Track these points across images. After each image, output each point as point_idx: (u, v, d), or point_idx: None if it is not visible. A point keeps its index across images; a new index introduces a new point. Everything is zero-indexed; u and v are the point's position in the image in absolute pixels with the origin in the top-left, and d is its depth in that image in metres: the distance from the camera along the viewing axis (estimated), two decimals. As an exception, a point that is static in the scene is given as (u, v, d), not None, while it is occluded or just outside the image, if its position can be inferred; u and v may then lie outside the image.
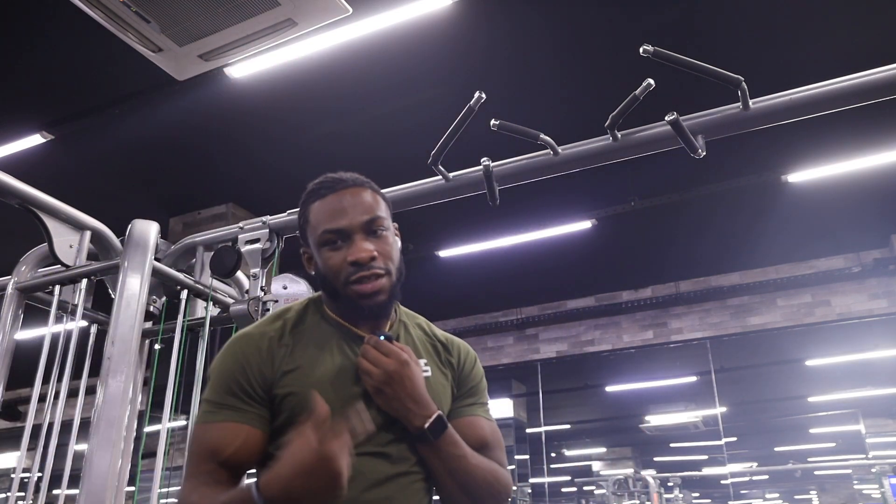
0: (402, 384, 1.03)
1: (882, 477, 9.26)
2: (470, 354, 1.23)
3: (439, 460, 1.05)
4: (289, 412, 1.04)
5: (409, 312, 1.25)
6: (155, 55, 1.91)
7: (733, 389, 9.52)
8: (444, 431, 1.05)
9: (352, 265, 1.06)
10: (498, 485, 1.10)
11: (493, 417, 1.20)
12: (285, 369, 1.06)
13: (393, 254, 1.11)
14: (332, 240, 1.08)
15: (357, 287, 1.06)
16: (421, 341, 1.18)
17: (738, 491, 18.97)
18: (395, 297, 1.12)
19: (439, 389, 1.13)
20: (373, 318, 1.10)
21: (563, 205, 5.57)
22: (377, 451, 1.04)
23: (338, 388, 1.05)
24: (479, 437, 1.13)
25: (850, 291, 6.65)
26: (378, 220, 1.10)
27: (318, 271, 1.13)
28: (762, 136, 2.02)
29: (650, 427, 10.63)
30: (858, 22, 3.83)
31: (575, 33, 3.89)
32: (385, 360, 1.04)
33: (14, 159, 4.60)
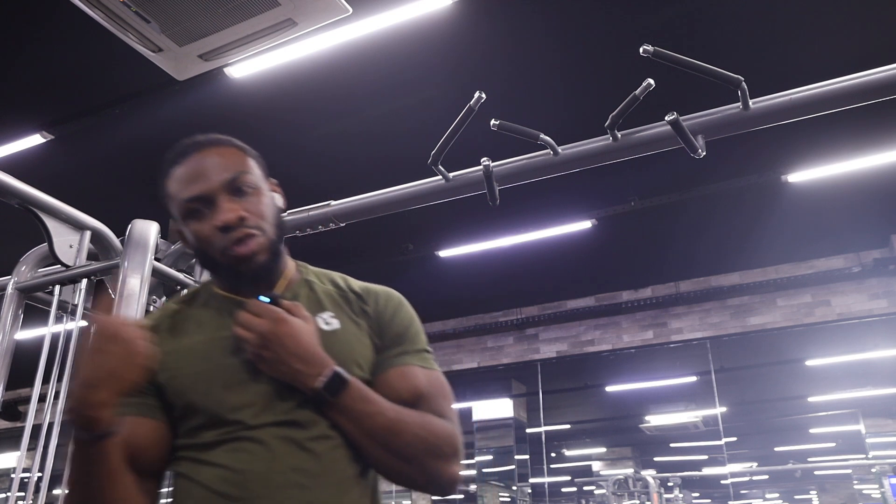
0: (282, 344, 0.94)
1: (882, 477, 9.26)
2: (392, 299, 1.10)
3: (350, 421, 0.94)
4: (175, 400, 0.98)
5: (324, 271, 1.14)
6: (155, 55, 1.91)
7: (733, 389, 9.52)
8: (345, 388, 0.93)
9: (220, 231, 0.97)
10: (436, 439, 0.95)
11: (434, 366, 1.06)
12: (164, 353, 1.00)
13: (264, 210, 1.02)
14: (196, 209, 0.99)
15: (232, 252, 0.98)
16: (328, 295, 1.08)
17: (738, 491, 18.97)
18: (277, 255, 1.03)
19: (352, 341, 1.02)
20: (257, 281, 1.01)
21: (563, 205, 5.57)
22: (281, 419, 0.94)
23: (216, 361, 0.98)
24: (411, 389, 1.00)
25: (850, 291, 6.65)
26: (242, 177, 1.01)
27: (193, 249, 1.04)
28: (762, 136, 2.02)
29: (650, 427, 10.63)
30: (858, 22, 3.83)
31: (575, 33, 3.89)
32: (257, 321, 0.95)
33: (14, 159, 4.60)
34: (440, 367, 1.07)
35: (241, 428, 0.93)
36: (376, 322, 1.06)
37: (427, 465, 0.94)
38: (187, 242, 1.05)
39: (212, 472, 0.92)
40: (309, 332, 0.97)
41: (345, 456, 0.95)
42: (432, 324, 8.25)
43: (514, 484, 9.13)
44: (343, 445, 0.95)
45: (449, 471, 0.96)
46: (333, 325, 1.03)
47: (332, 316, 1.04)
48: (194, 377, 0.97)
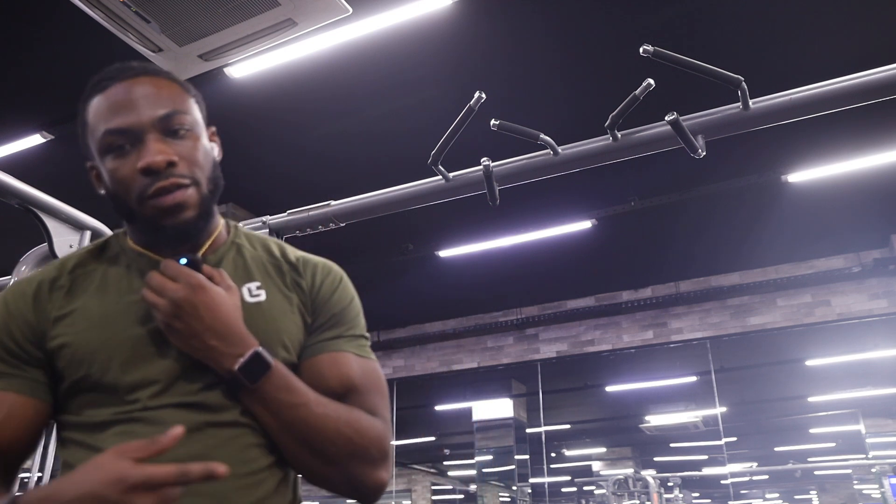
0: (197, 315, 0.80)
1: (882, 477, 9.26)
2: (332, 274, 0.96)
3: (268, 411, 0.81)
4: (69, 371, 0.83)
5: (258, 235, 1.00)
6: (155, 55, 1.91)
7: (733, 389, 9.52)
8: (266, 373, 0.81)
9: (144, 174, 0.82)
10: (363, 440, 0.83)
11: (370, 354, 0.93)
12: (58, 314, 0.84)
13: (200, 159, 0.86)
14: (118, 144, 0.83)
15: (154, 202, 0.82)
16: (259, 262, 0.93)
17: (738, 491, 18.98)
18: (208, 213, 0.88)
19: (279, 317, 0.88)
20: (180, 240, 0.86)
21: (563, 205, 5.58)
22: (185, 401, 0.81)
23: (121, 328, 0.83)
24: (342, 379, 0.87)
25: (850, 291, 6.65)
26: (178, 117, 0.86)
27: (108, 193, 0.87)
28: (762, 136, 2.02)
29: (650, 427, 10.63)
30: (858, 22, 3.83)
31: (575, 33, 3.89)
32: (171, 285, 0.81)
33: (14, 159, 4.61)
34: (442, 368, 0.97)
35: (139, 408, 0.80)
36: (311, 298, 0.92)
37: (351, 468, 0.83)
38: (101, 183, 0.89)
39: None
40: (230, 305, 0.83)
41: (257, 444, 0.82)
42: (432, 324, 8.25)
43: (514, 484, 9.13)
44: (256, 433, 0.83)
45: (374, 476, 0.85)
46: (259, 296, 0.89)
47: (258, 286, 0.90)
48: (92, 346, 0.82)
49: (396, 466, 13.61)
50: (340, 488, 0.84)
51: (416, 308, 7.98)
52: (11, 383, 0.82)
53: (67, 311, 0.85)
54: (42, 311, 0.85)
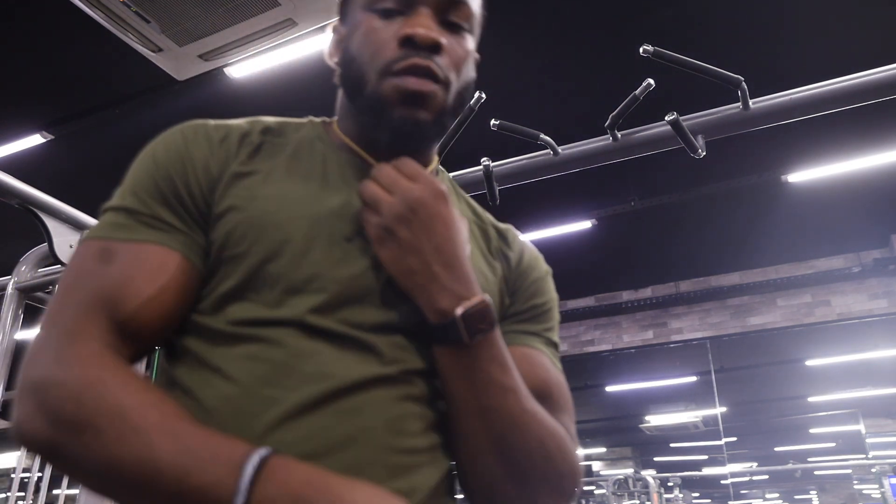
0: (431, 228, 0.62)
1: (882, 477, 9.25)
2: (540, 261, 0.81)
3: (469, 384, 0.62)
4: (226, 242, 0.63)
5: (457, 186, 0.83)
6: (155, 55, 1.91)
7: (733, 389, 9.52)
8: (489, 334, 0.62)
9: (402, 44, 0.66)
10: (562, 462, 0.64)
11: (561, 368, 0.77)
12: (239, 170, 0.67)
13: (463, 65, 0.70)
14: (388, 4, 0.68)
15: (398, 80, 0.65)
16: (465, 217, 0.74)
17: (738, 491, 18.97)
18: (443, 126, 0.70)
19: (480, 281, 0.67)
20: (402, 141, 0.69)
21: (563, 205, 5.57)
22: (352, 334, 0.61)
23: (309, 213, 0.64)
24: (539, 381, 0.69)
25: (850, 291, 6.65)
26: (465, 8, 0.71)
27: (345, 56, 0.71)
28: (762, 136, 2.02)
29: (650, 427, 10.63)
30: (858, 22, 3.83)
31: (575, 33, 3.89)
32: (408, 184, 0.63)
33: (14, 159, 4.60)
34: None
35: (288, 323, 0.60)
36: (514, 276, 0.76)
37: (537, 493, 0.64)
38: (338, 50, 0.74)
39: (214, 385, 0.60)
40: (465, 234, 0.66)
41: (419, 416, 0.63)
42: (432, 324, 8.24)
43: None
44: (423, 401, 0.63)
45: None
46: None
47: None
48: (267, 218, 0.63)
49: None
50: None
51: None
52: (180, 242, 0.63)
53: (250, 169, 0.67)
54: (225, 162, 0.67)
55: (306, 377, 0.58)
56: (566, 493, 0.66)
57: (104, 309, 0.58)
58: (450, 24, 0.70)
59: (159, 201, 0.64)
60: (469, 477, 0.65)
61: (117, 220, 0.64)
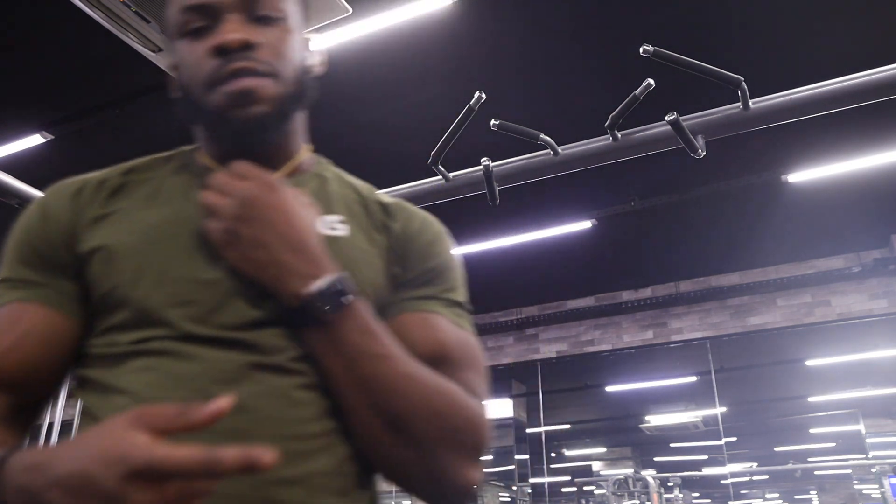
0: (269, 220, 0.65)
1: (882, 477, 9.25)
2: (430, 224, 0.81)
3: (339, 358, 0.63)
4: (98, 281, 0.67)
5: (349, 176, 0.84)
6: (155, 55, 1.91)
7: (733, 389, 9.52)
8: (349, 306, 0.63)
9: (214, 54, 0.68)
10: (455, 417, 0.64)
11: (469, 327, 0.76)
12: (98, 214, 0.70)
13: (285, 51, 0.72)
14: (195, 24, 0.70)
15: (223, 87, 0.68)
16: (343, 199, 0.78)
17: (738, 491, 18.96)
18: (286, 115, 0.73)
19: (359, 258, 0.71)
20: (246, 142, 0.71)
21: (563, 205, 5.57)
22: (228, 335, 0.64)
23: (164, 235, 0.68)
24: (433, 344, 0.69)
25: (850, 291, 6.65)
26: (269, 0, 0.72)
27: (180, 86, 0.73)
28: (762, 136, 2.02)
29: (650, 427, 10.63)
30: (858, 22, 3.83)
31: (575, 33, 3.89)
32: (240, 183, 0.66)
33: (14, 159, 4.60)
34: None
35: (170, 335, 0.64)
36: (402, 245, 0.76)
37: (437, 456, 0.64)
38: (176, 84, 0.75)
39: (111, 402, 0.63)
40: (309, 217, 0.68)
41: (314, 401, 0.64)
42: (432, 324, 8.23)
43: (514, 484, 9.13)
44: (314, 388, 0.64)
45: (465, 473, 0.65)
46: (338, 230, 0.72)
47: (340, 221, 0.74)
48: (127, 250, 0.67)
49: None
50: (418, 483, 0.65)
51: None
52: (37, 293, 0.67)
53: (109, 210, 0.71)
54: (80, 210, 0.71)
55: (193, 378, 0.62)
56: (467, 444, 0.66)
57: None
58: (261, 18, 0.71)
59: (24, 264, 0.69)
60: (368, 451, 0.65)
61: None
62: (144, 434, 0.46)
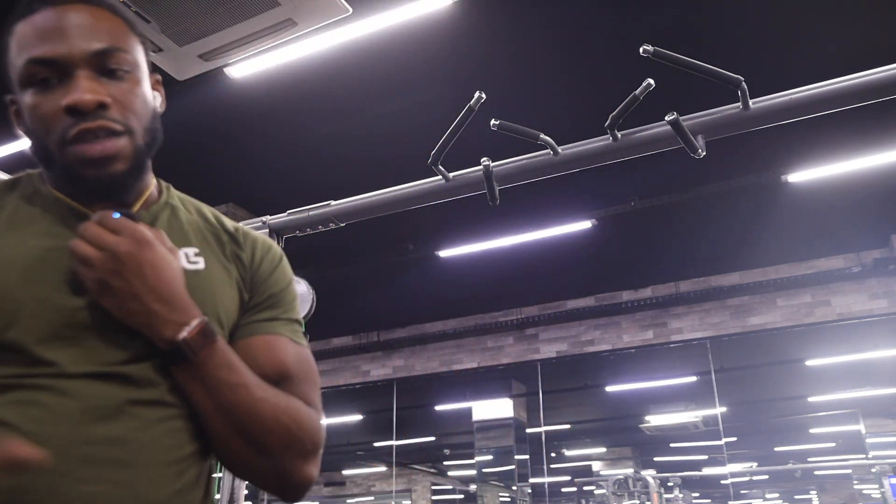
0: (142, 273, 0.70)
1: (882, 477, 9.25)
2: (273, 252, 0.89)
3: (205, 390, 0.72)
4: None
5: (189, 198, 0.89)
6: (155, 55, 1.91)
7: (733, 389, 9.51)
8: (211, 346, 0.72)
9: (68, 113, 0.71)
10: (298, 430, 0.76)
11: (304, 341, 0.86)
12: None
13: (138, 105, 0.76)
14: (42, 76, 0.72)
15: (78, 148, 0.71)
16: (196, 227, 0.84)
17: (738, 491, 18.97)
18: (141, 168, 0.78)
19: (217, 289, 0.79)
20: (105, 195, 0.75)
21: (563, 205, 5.57)
22: (107, 371, 0.70)
23: (34, 276, 0.71)
24: (277, 364, 0.79)
25: (850, 291, 6.65)
26: (117, 55, 0.75)
27: (27, 132, 0.77)
28: (762, 136, 2.02)
29: (650, 427, 10.63)
30: (858, 22, 3.83)
31: (575, 33, 3.89)
32: (111, 238, 0.70)
33: (14, 159, 4.60)
34: (442, 368, 0.88)
35: (50, 374, 0.68)
36: (250, 274, 0.84)
37: (283, 461, 0.76)
38: (20, 121, 0.78)
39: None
40: (176, 268, 0.74)
41: (182, 429, 0.73)
42: (433, 324, 8.25)
43: (514, 484, 9.13)
44: (182, 417, 0.73)
45: (305, 471, 0.78)
46: (198, 264, 0.79)
47: (196, 253, 0.80)
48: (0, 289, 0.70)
49: (397, 466, 13.62)
50: (267, 482, 0.78)
51: (416, 308, 7.97)
52: None
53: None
54: None
55: (73, 413, 0.67)
56: (308, 450, 0.78)
57: None
58: (111, 71, 0.74)
59: None
60: (227, 460, 0.77)
61: None
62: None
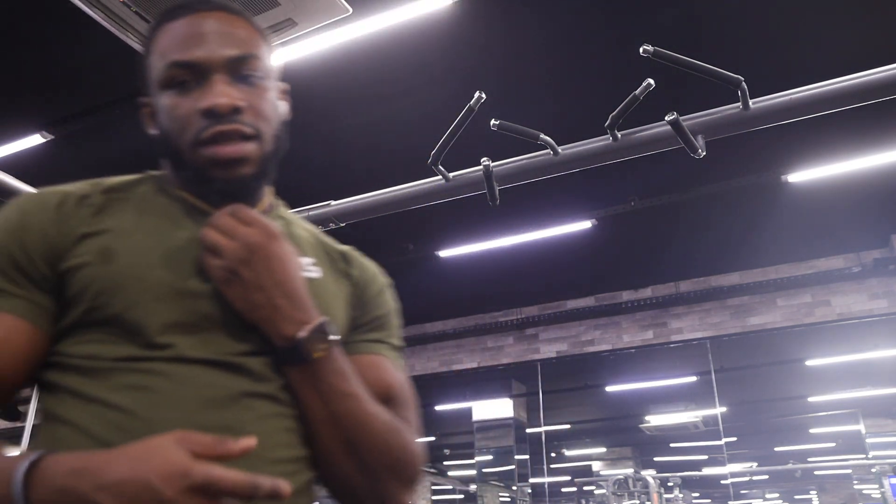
0: (269, 267, 0.71)
1: (882, 477, 9.25)
2: (379, 276, 0.90)
3: (318, 395, 0.71)
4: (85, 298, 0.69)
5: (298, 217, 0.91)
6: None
7: (733, 389, 9.52)
8: (329, 350, 0.72)
9: (204, 116, 0.73)
10: (402, 452, 0.74)
11: (403, 369, 0.87)
12: (87, 231, 0.73)
13: (268, 111, 0.79)
14: (181, 78, 0.75)
15: (211, 149, 0.73)
16: (308, 241, 0.86)
17: (738, 491, 18.97)
18: (266, 173, 0.80)
19: (331, 300, 0.80)
20: (230, 197, 0.76)
21: (563, 205, 5.57)
22: (223, 359, 0.70)
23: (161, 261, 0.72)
24: (383, 385, 0.79)
25: (850, 291, 6.65)
26: (252, 61, 0.78)
27: (160, 128, 0.78)
28: (762, 136, 2.02)
29: (650, 427, 10.63)
30: (858, 22, 3.83)
31: (574, 33, 3.89)
32: (244, 228, 0.72)
33: (14, 159, 4.60)
34: (442, 368, 0.91)
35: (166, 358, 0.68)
36: (359, 291, 0.85)
37: (384, 483, 0.74)
38: (152, 123, 0.80)
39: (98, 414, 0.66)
40: (299, 265, 0.75)
41: (294, 430, 0.72)
42: (433, 324, 8.24)
43: (514, 484, 9.12)
44: (295, 417, 0.72)
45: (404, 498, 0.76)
46: (313, 273, 0.80)
47: (312, 263, 0.81)
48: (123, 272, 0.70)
49: (396, 466, 13.56)
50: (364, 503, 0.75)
51: (416, 308, 7.97)
52: (14, 304, 0.69)
53: (98, 229, 0.73)
54: (66, 225, 0.72)
55: (187, 401, 0.66)
56: (408, 477, 0.76)
57: None
58: (245, 77, 0.77)
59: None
60: (327, 475, 0.74)
61: None
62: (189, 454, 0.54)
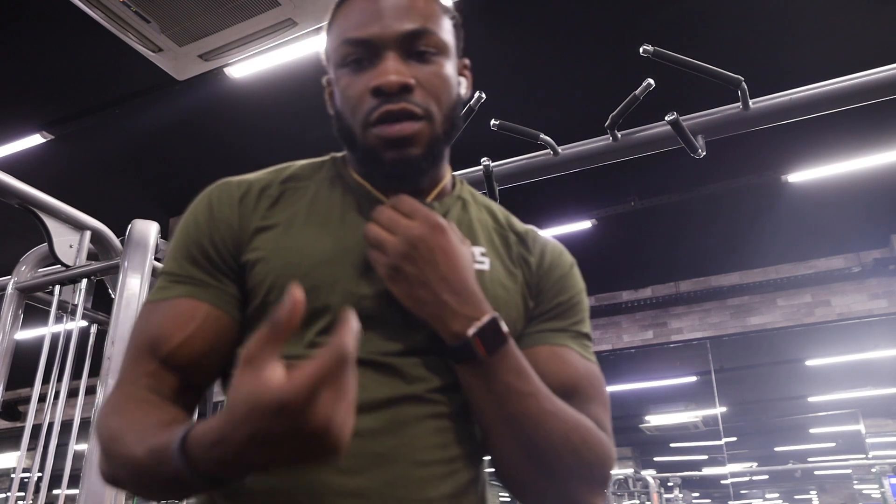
0: (433, 260, 0.67)
1: (882, 477, 9.25)
2: (563, 257, 0.83)
3: (491, 395, 0.66)
4: (259, 293, 0.71)
5: (482, 196, 0.86)
6: (155, 55, 1.91)
7: (733, 389, 9.52)
8: (503, 347, 0.66)
9: (374, 95, 0.71)
10: (588, 453, 0.68)
11: (594, 359, 0.78)
12: (260, 225, 0.74)
13: (441, 90, 0.73)
14: (355, 56, 0.73)
15: (379, 129, 0.71)
16: (483, 225, 0.80)
17: (738, 491, 18.98)
18: (437, 155, 0.75)
19: (500, 293, 0.74)
20: (398, 177, 0.74)
21: (563, 205, 5.58)
22: (375, 360, 0.67)
23: (326, 256, 0.71)
24: (564, 379, 0.72)
25: (850, 291, 6.65)
26: (427, 36, 0.73)
27: (335, 112, 0.78)
28: (762, 136, 2.02)
29: (650, 427, 10.63)
30: (858, 22, 3.83)
31: (575, 33, 3.89)
32: (406, 221, 0.69)
33: (14, 159, 4.60)
34: None
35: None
36: (537, 279, 0.79)
37: (569, 487, 0.69)
38: (332, 102, 0.80)
39: None
40: (468, 258, 0.70)
41: (448, 429, 0.68)
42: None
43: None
44: (449, 416, 0.69)
45: (591, 502, 0.70)
46: (483, 264, 0.75)
47: (482, 253, 0.76)
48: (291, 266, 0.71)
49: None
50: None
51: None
52: (209, 294, 0.71)
53: (271, 223, 0.74)
54: (245, 217, 0.74)
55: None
56: (596, 480, 0.70)
57: (148, 352, 0.69)
58: (419, 53, 0.73)
59: (191, 262, 0.73)
60: (506, 478, 0.71)
61: (160, 283, 0.74)
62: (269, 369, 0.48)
